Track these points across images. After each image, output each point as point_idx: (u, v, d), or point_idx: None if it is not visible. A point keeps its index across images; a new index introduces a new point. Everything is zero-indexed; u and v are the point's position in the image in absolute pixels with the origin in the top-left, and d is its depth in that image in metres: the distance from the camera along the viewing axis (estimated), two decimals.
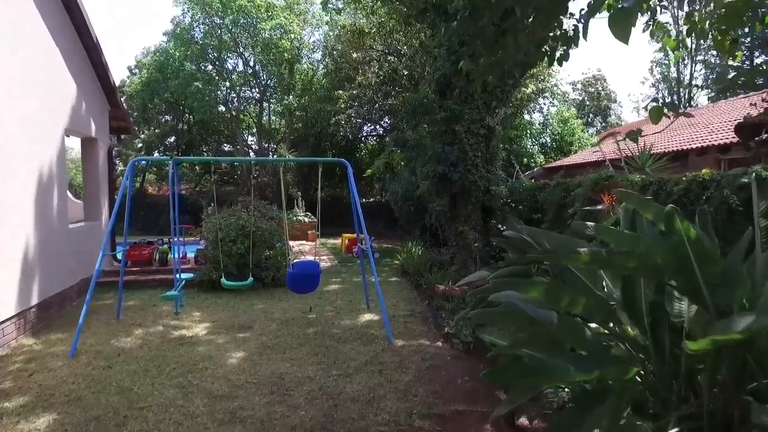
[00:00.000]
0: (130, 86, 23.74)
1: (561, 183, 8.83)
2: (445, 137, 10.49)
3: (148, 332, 6.20)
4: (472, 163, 10.15)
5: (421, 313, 7.37)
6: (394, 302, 8.08)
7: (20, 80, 5.99)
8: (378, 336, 6.07)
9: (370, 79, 16.30)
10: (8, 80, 5.70)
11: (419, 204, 13.51)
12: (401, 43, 16.22)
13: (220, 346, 5.66)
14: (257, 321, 6.81)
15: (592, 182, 6.92)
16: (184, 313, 7.27)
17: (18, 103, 5.90)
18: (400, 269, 11.21)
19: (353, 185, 6.62)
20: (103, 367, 4.91)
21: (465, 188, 10.14)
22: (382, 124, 22.66)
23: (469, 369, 5.03)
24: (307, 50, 24.35)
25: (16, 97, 5.87)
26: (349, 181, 6.61)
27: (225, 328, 6.46)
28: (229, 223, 9.08)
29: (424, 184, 10.97)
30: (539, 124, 24.74)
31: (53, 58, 6.98)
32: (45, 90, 6.70)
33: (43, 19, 6.60)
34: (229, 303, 7.95)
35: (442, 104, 10.34)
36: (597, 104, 33.65)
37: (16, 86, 5.89)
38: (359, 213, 6.56)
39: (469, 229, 9.92)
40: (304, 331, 6.27)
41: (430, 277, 8.56)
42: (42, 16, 6.57)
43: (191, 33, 22.12)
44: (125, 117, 9.83)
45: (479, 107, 10.09)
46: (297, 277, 6.38)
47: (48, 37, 6.78)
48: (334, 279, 10.49)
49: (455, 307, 7.33)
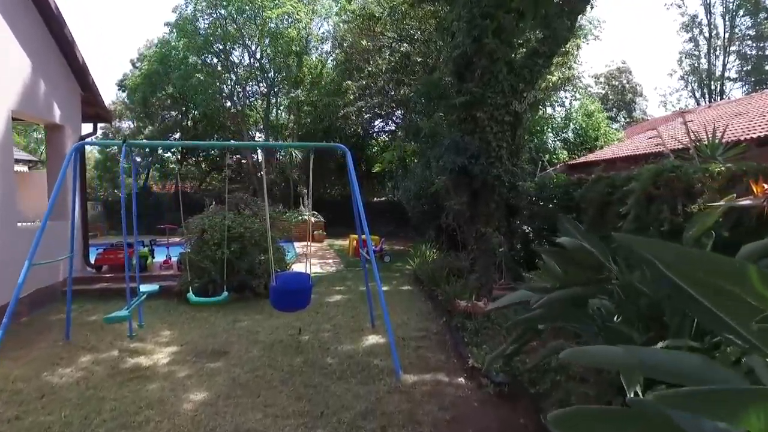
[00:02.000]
0: (130, 79, 22.77)
1: (604, 177, 7.41)
2: (465, 125, 9.14)
3: (96, 360, 4.98)
4: (495, 155, 8.79)
5: (437, 334, 6.06)
6: (404, 318, 6.79)
7: None
8: (383, 369, 4.77)
9: (381, 66, 14.99)
10: None
11: (434, 202, 12.17)
12: (414, 29, 14.89)
13: (179, 382, 4.41)
14: (236, 344, 5.56)
15: (653, 174, 5.51)
16: (151, 331, 6.06)
17: None
18: (413, 276, 9.91)
19: (353, 174, 5.34)
20: (7, 420, 3.68)
21: (487, 184, 8.78)
22: (395, 119, 21.36)
23: (506, 423, 3.71)
24: (315, 41, 23.15)
25: None
26: (349, 169, 5.32)
27: (194, 354, 5.21)
28: (214, 224, 7.87)
29: (440, 180, 9.64)
30: (561, 119, 23.27)
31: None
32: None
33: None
34: (209, 318, 6.73)
35: (460, 88, 9.00)
36: (621, 98, 31.88)
37: None
38: (360, 208, 5.27)
39: (493, 230, 8.56)
40: (291, 361, 5.00)
41: (448, 289, 7.23)
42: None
43: (194, 24, 21.06)
44: (100, 102, 8.66)
45: (504, 90, 8.73)
46: (281, 293, 5.11)
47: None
48: (338, 287, 9.21)
49: (479, 327, 6.01)
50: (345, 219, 20.00)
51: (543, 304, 3.09)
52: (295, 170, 21.96)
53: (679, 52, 32.75)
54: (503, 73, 8.68)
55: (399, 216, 17.49)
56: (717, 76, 29.28)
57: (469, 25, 8.56)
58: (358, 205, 5.28)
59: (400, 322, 6.57)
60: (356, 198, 5.30)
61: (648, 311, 3.40)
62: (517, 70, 8.89)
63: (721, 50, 28.58)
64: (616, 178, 7.28)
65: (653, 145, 13.82)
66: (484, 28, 8.41)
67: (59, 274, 7.60)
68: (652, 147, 14.63)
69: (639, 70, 52.36)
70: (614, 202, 7.09)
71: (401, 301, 7.91)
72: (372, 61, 16.23)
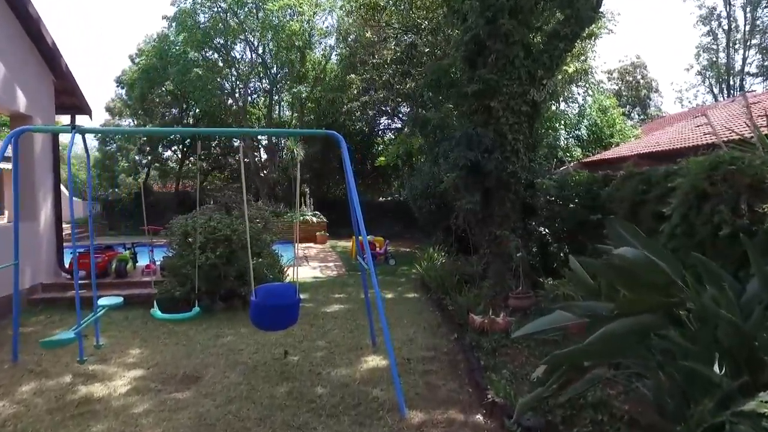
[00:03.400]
0: (128, 75, 22.13)
1: (637, 173, 6.54)
2: (477, 117, 8.30)
3: (40, 388, 4.18)
4: (511, 149, 7.93)
5: (447, 354, 5.21)
6: (410, 333, 5.95)
7: None
8: (383, 402, 3.93)
9: (386, 57, 14.13)
10: None
11: (442, 202, 11.32)
12: (421, 18, 14.03)
13: (132, 421, 3.60)
14: (212, 367, 4.75)
15: (706, 168, 4.62)
16: (119, 348, 5.28)
17: None
18: (420, 282, 9.06)
19: (348, 165, 4.50)
20: None
21: (502, 181, 7.93)
22: (401, 116, 20.53)
23: None
24: (319, 35, 22.36)
25: None
26: (344, 160, 4.49)
27: (160, 380, 4.40)
28: (198, 225, 7.06)
29: (450, 177, 8.79)
30: (574, 115, 22.30)
31: None
32: None
33: None
34: (188, 333, 5.93)
35: (472, 75, 8.15)
36: (635, 94, 30.81)
37: None
38: (356, 204, 4.43)
39: (509, 233, 7.70)
40: (273, 390, 4.17)
41: (460, 300, 6.38)
42: None
43: (194, 17, 20.35)
44: (77, 92, 7.89)
45: (521, 77, 7.87)
46: (262, 309, 4.28)
47: None
48: (338, 294, 8.39)
49: (496, 345, 5.17)
50: (349, 219, 19.25)
51: (600, 338, 2.24)
52: (296, 169, 21.19)
53: (696, 46, 31.46)
54: (520, 58, 7.82)
55: (406, 216, 16.72)
56: (736, 70, 28.15)
57: (482, 4, 7.71)
58: (354, 200, 4.45)
59: (404, 338, 5.73)
60: (352, 192, 4.48)
61: (735, 345, 2.55)
62: (536, 55, 8.03)
63: (741, 44, 27.45)
64: (652, 173, 6.41)
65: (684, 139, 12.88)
66: (499, 8, 7.55)
67: (26, 280, 6.85)
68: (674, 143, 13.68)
69: (654, 65, 50.89)
70: (650, 201, 6.22)
71: (407, 312, 7.07)
72: (377, 54, 15.39)
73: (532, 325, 2.97)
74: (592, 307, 2.79)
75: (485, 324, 5.20)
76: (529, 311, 6.79)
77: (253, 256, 7.59)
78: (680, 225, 4.90)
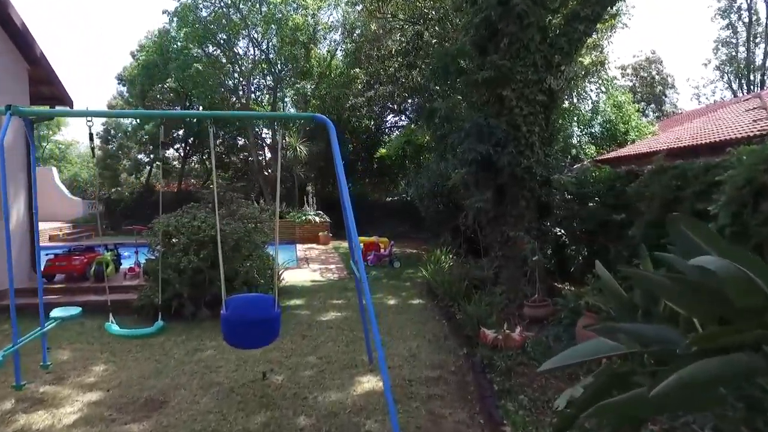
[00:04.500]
0: (128, 71, 21.67)
1: (669, 167, 5.81)
2: (489, 108, 7.60)
3: None
4: (525, 143, 7.22)
5: (455, 374, 4.52)
6: (413, 347, 5.27)
7: None
8: None
9: (391, 47, 13.46)
10: None
11: (450, 201, 10.63)
12: (428, 7, 13.35)
13: None
14: (183, 388, 4.11)
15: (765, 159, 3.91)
16: (81, 364, 4.66)
17: None
18: (426, 288, 8.38)
19: (337, 151, 3.83)
20: None
21: (515, 177, 7.22)
22: (408, 114, 19.85)
23: None
24: (324, 30, 21.74)
25: None
26: (332, 145, 3.83)
27: (118, 406, 3.77)
28: (181, 225, 6.45)
29: (458, 174, 8.10)
30: (587, 111, 21.50)
31: None
32: None
33: None
34: (164, 345, 5.29)
35: (483, 62, 7.46)
36: (650, 91, 29.83)
37: None
38: (345, 195, 3.77)
39: (523, 234, 6.99)
40: (248, 422, 3.52)
41: (470, 309, 5.68)
42: None
43: (196, 12, 19.82)
44: (55, 81, 7.30)
45: (536, 63, 7.16)
46: (233, 324, 3.63)
47: None
48: (336, 300, 7.73)
49: (512, 364, 4.48)
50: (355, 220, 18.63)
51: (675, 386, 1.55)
52: (299, 167, 20.53)
53: (714, 41, 30.43)
54: (535, 42, 7.11)
55: (413, 217, 16.06)
56: (757, 65, 27.11)
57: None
58: (344, 192, 3.78)
59: (407, 353, 5.05)
60: (341, 184, 3.82)
61: None
62: (553, 38, 7.32)
63: (762, 37, 26.42)
64: (687, 167, 5.68)
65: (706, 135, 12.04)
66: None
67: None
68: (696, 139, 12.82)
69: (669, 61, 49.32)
70: (686, 199, 5.47)
71: (410, 321, 6.39)
72: (383, 46, 14.74)
73: (564, 356, 2.27)
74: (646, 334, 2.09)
75: (499, 341, 4.51)
76: (546, 321, 6.09)
77: (244, 258, 6.99)
78: (730, 225, 4.18)
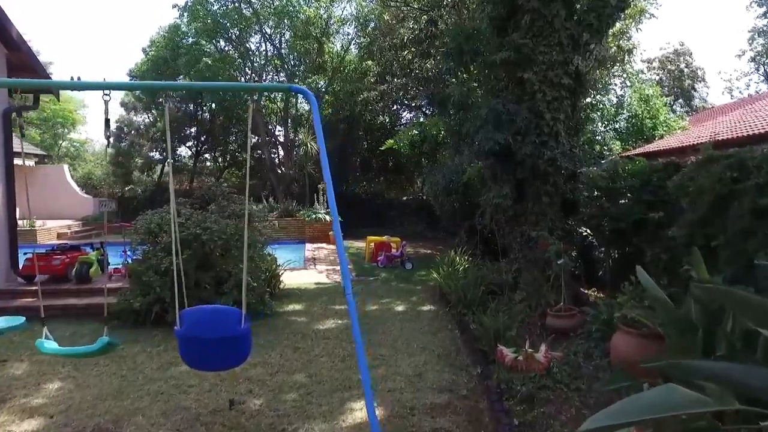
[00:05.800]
0: (137, 67, 21.42)
1: (722, 156, 4.97)
2: (508, 92, 6.85)
3: None
4: (549, 132, 6.45)
5: (467, 399, 3.80)
6: (418, 364, 4.56)
7: None
8: None
9: (404, 36, 12.78)
10: None
11: (466, 198, 9.88)
12: None
13: None
14: (140, 415, 3.48)
15: None
16: (33, 381, 4.08)
17: None
18: (438, 292, 7.65)
19: (319, 125, 3.20)
20: None
21: (538, 170, 6.46)
22: (423, 110, 19.14)
23: None
24: (337, 23, 21.18)
25: None
26: (314, 118, 3.20)
27: None
28: (165, 222, 5.85)
29: (474, 167, 7.35)
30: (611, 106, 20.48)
31: None
32: None
33: None
34: (136, 358, 4.69)
35: (502, 42, 6.71)
36: (678, 84, 28.47)
37: None
38: (328, 177, 3.12)
39: (547, 234, 6.22)
40: None
41: (485, 320, 4.94)
42: None
43: (206, 7, 19.45)
44: (37, 67, 6.79)
45: (562, 42, 6.39)
46: (188, 342, 2.97)
47: None
48: (337, 306, 7.05)
49: (533, 390, 3.75)
50: (368, 219, 17.93)
51: None
52: (311, 165, 19.96)
53: (749, 30, 28.81)
54: (561, 18, 6.33)
55: (428, 215, 15.37)
56: None
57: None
58: (327, 176, 3.13)
59: (411, 371, 4.35)
60: (324, 162, 3.17)
61: None
62: (581, 14, 6.53)
63: None
64: (745, 155, 4.86)
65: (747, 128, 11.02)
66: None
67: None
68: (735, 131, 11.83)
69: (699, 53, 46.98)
70: (746, 193, 4.66)
71: (418, 331, 5.69)
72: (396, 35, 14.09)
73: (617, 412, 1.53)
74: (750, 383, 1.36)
75: (520, 363, 3.76)
76: (573, 334, 5.33)
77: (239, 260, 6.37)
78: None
